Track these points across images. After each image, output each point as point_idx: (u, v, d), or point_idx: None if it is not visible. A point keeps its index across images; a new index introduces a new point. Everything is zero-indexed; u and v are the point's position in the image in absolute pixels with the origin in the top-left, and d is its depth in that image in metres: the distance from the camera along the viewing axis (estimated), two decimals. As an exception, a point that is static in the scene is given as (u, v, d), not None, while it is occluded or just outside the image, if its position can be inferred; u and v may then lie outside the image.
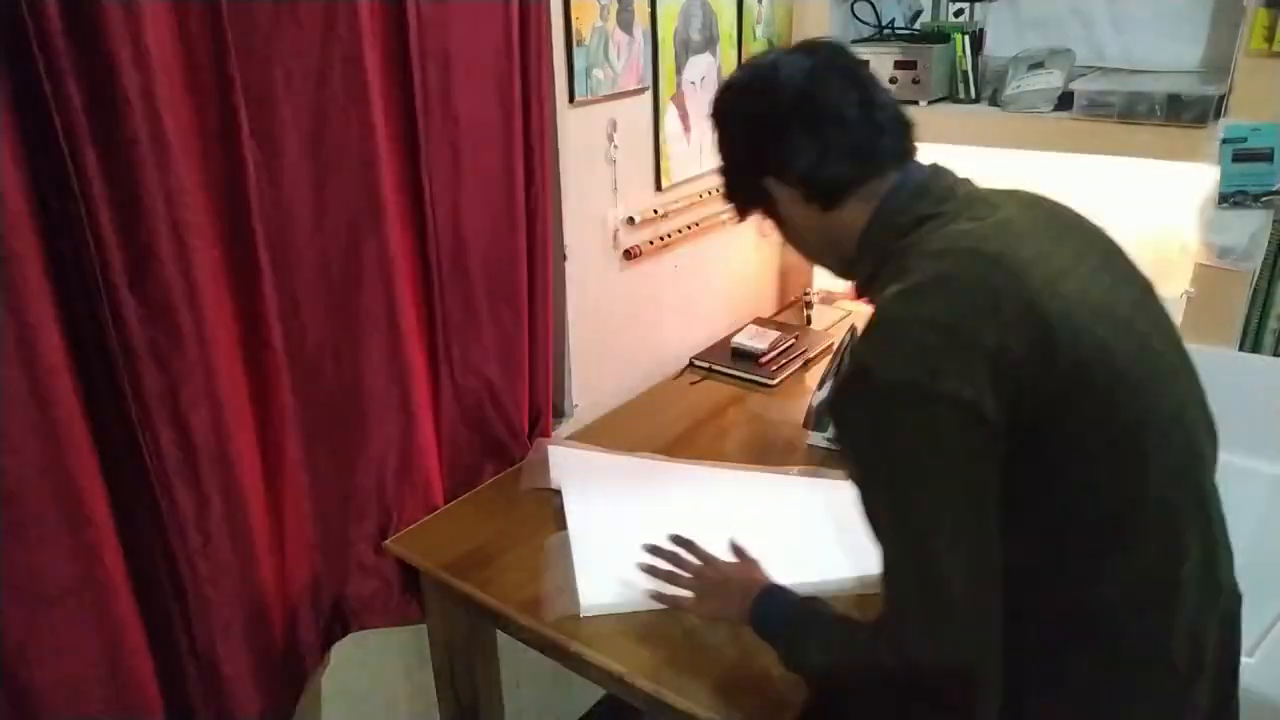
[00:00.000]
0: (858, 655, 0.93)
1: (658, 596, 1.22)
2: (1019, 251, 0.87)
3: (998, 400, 0.81)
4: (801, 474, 1.60)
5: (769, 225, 1.08)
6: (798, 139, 0.96)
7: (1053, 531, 0.87)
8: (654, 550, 1.25)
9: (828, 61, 0.99)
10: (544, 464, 1.60)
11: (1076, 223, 0.98)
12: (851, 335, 1.74)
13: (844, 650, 0.96)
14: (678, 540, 1.26)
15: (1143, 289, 0.95)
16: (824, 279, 2.44)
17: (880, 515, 0.87)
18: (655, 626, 1.24)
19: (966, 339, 0.82)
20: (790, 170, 0.98)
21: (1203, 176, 1.72)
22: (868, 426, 0.86)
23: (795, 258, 2.36)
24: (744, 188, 1.05)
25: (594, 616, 1.26)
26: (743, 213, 1.09)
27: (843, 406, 0.90)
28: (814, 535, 1.41)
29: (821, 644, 0.99)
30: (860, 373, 0.85)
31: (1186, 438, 0.90)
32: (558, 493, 1.53)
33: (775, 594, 1.09)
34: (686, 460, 1.65)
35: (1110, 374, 0.85)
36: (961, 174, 1.01)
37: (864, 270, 0.99)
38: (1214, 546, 0.93)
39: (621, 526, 1.42)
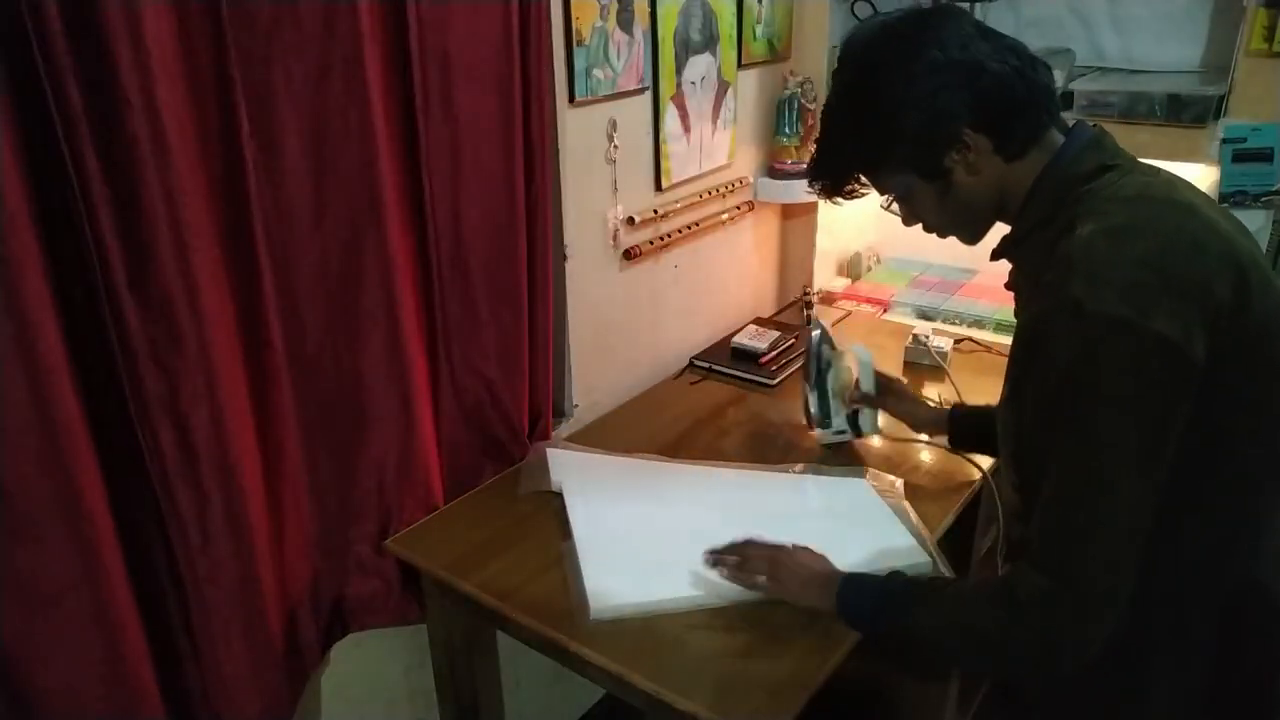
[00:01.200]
0: (974, 606, 0.99)
1: (734, 578, 1.25)
2: (1196, 207, 0.91)
3: (1201, 341, 0.84)
4: (804, 472, 1.60)
5: (883, 203, 1.08)
6: (1004, 75, 0.95)
7: (1212, 477, 0.91)
8: (715, 552, 1.28)
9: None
10: (543, 467, 1.60)
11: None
12: (821, 336, 1.70)
13: (955, 606, 1.01)
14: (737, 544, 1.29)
15: None
16: (824, 278, 2.44)
17: (1062, 443, 0.89)
18: (655, 627, 1.24)
19: (1175, 280, 0.85)
20: (992, 117, 0.96)
21: (1203, 176, 1.72)
22: (1073, 357, 0.87)
23: (796, 257, 2.39)
24: (929, 141, 0.98)
25: (600, 619, 1.25)
26: (844, 182, 1.07)
27: (1046, 336, 0.90)
28: (816, 534, 1.41)
29: (928, 608, 1.03)
30: (1070, 305, 0.86)
31: None
32: (558, 495, 1.53)
33: (857, 576, 1.14)
34: (686, 461, 1.65)
35: None
36: None
37: (1031, 217, 0.99)
38: None
39: (626, 528, 1.42)
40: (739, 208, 2.14)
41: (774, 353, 2.03)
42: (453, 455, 1.58)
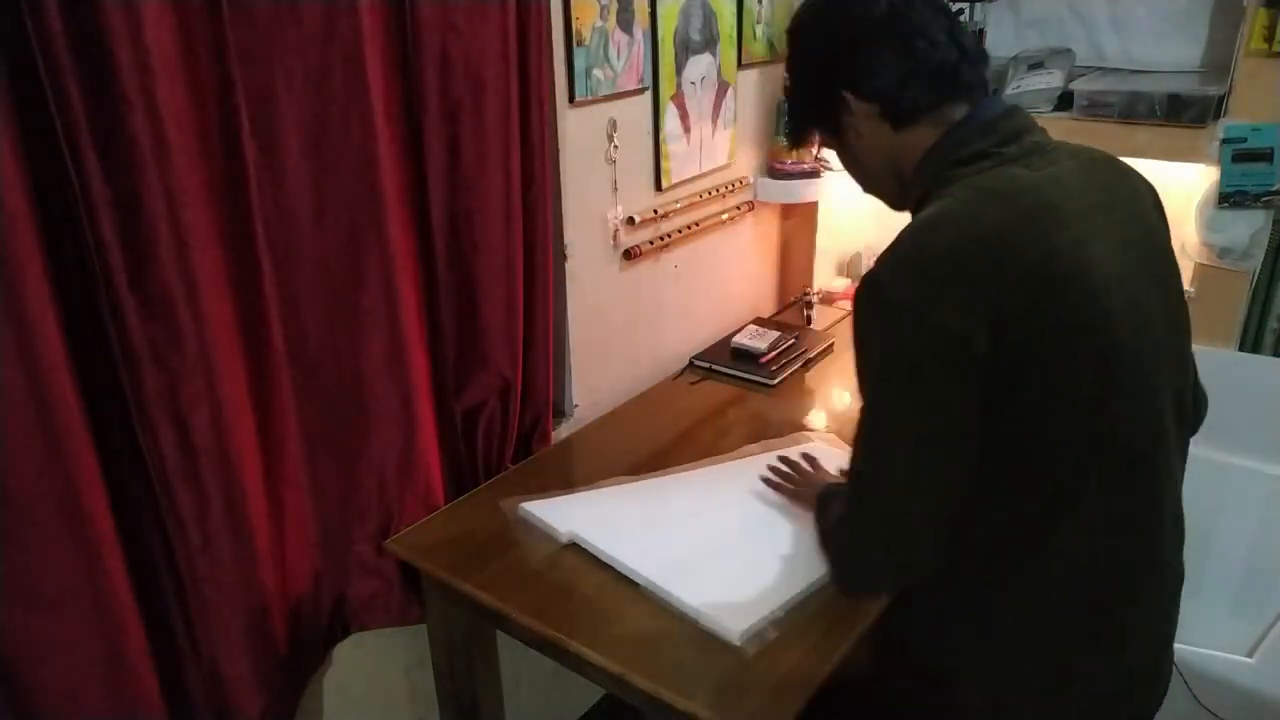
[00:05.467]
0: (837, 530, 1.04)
1: (772, 485, 1.46)
2: (1056, 210, 0.90)
3: (989, 339, 0.85)
4: (759, 451, 1.61)
5: (817, 150, 1.13)
6: (886, 54, 0.98)
7: (1013, 469, 0.92)
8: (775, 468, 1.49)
9: None
10: (538, 525, 1.45)
11: (1129, 197, 1.00)
12: None
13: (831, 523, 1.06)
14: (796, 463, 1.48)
15: (1167, 275, 1.00)
16: (824, 278, 2.44)
17: (861, 413, 0.94)
18: (655, 626, 1.24)
19: (970, 276, 0.86)
20: (873, 84, 0.99)
21: (1203, 176, 1.72)
22: (865, 333, 0.92)
23: (796, 257, 2.39)
24: (818, 101, 1.05)
25: (751, 635, 1.20)
26: (799, 136, 1.11)
27: (855, 307, 0.94)
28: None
29: (828, 515, 1.09)
30: (873, 284, 0.90)
31: (1152, 421, 0.95)
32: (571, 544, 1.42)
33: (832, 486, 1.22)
34: (649, 475, 1.59)
35: (1098, 344, 0.89)
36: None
37: (914, 194, 1.01)
38: (1158, 524, 0.99)
39: (684, 549, 1.36)
40: (739, 208, 2.14)
41: (774, 353, 2.03)
42: (453, 455, 1.58)
